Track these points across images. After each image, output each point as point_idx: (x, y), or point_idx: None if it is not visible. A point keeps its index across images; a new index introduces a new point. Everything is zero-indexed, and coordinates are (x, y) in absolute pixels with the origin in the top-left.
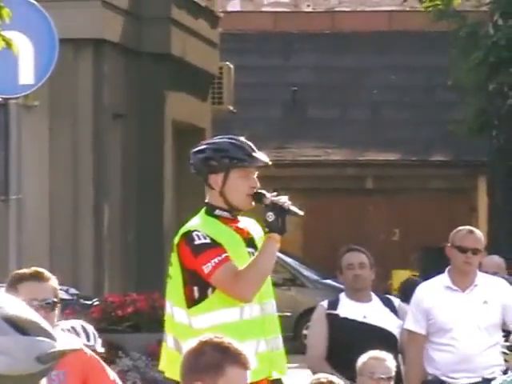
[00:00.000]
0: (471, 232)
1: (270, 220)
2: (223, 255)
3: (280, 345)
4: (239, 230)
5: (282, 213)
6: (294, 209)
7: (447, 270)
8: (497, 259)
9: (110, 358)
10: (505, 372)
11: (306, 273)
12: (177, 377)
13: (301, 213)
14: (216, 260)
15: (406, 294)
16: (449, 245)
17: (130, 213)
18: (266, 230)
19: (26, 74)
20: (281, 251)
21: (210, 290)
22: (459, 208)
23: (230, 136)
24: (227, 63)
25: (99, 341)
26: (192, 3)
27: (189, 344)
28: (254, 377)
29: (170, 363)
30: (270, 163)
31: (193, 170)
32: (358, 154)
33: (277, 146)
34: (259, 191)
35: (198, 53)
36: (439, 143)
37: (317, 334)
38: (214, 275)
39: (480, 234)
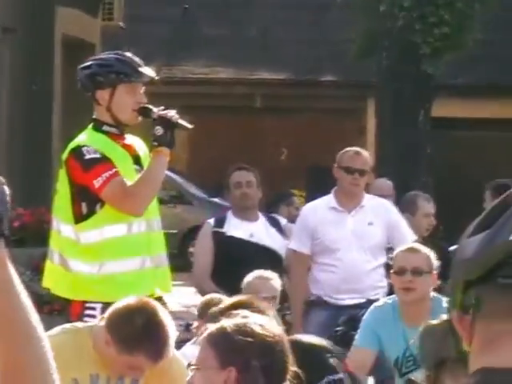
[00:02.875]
0: (358, 153)
1: (158, 134)
2: (113, 170)
3: (165, 262)
4: (126, 147)
5: (170, 126)
6: (182, 122)
7: (333, 190)
8: (386, 182)
9: None
10: (389, 294)
11: (193, 190)
12: (62, 293)
13: (189, 126)
14: (106, 174)
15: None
16: (336, 166)
17: (17, 128)
18: (155, 144)
19: None
20: (167, 168)
21: (98, 206)
22: (348, 129)
23: (116, 52)
24: None
25: None
26: None
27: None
28: (138, 293)
29: (56, 279)
30: (157, 78)
31: (80, 86)
32: (247, 72)
33: (166, 63)
34: (146, 106)
35: None
36: (329, 63)
37: (203, 251)
38: (105, 190)
39: (367, 155)
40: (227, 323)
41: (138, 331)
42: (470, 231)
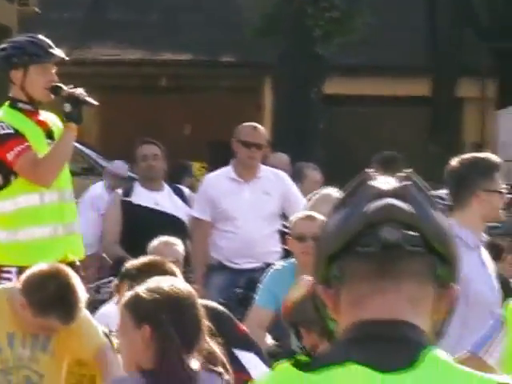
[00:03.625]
0: (255, 128)
1: (66, 110)
2: (25, 144)
3: (77, 229)
4: (40, 123)
5: (78, 103)
6: (88, 99)
7: (232, 162)
8: (282, 157)
9: None
10: (283, 258)
11: (103, 163)
12: None
13: (95, 103)
14: (19, 148)
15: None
16: (234, 140)
17: None
18: (64, 119)
19: None
20: (80, 142)
21: (12, 177)
22: (246, 106)
23: (29, 35)
24: None
25: None
26: None
27: None
28: (51, 258)
29: None
30: (68, 59)
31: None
32: (153, 54)
33: (77, 46)
34: (56, 84)
35: None
36: (229, 45)
37: (111, 219)
38: (17, 162)
39: (263, 130)
40: (139, 288)
41: (50, 296)
42: (333, 209)
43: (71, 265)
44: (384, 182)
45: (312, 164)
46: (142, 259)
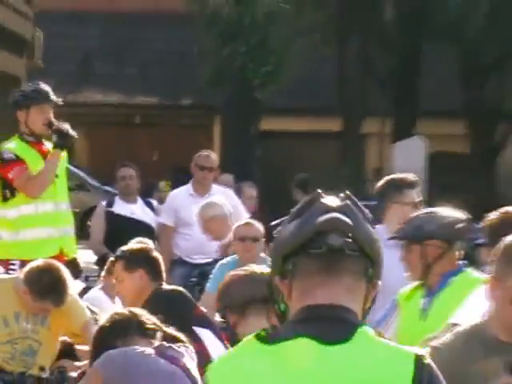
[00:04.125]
0: (208, 155)
1: (54, 140)
2: (23, 166)
3: (70, 232)
4: (41, 150)
5: (63, 135)
6: (71, 132)
7: (191, 182)
8: (229, 177)
9: None
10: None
11: (91, 181)
12: None
13: (76, 136)
14: (17, 169)
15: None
16: (192, 164)
17: None
18: (52, 147)
19: None
20: (73, 165)
21: (16, 192)
22: (201, 138)
23: (34, 83)
24: (37, 32)
25: None
26: None
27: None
28: (46, 254)
29: None
30: (61, 102)
31: (11, 109)
32: (129, 98)
33: (71, 91)
34: (50, 121)
35: (16, 23)
36: (187, 91)
37: (97, 224)
38: (15, 179)
39: (214, 156)
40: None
41: (45, 286)
42: (288, 219)
43: (72, 261)
44: (330, 200)
45: (250, 183)
46: (134, 245)
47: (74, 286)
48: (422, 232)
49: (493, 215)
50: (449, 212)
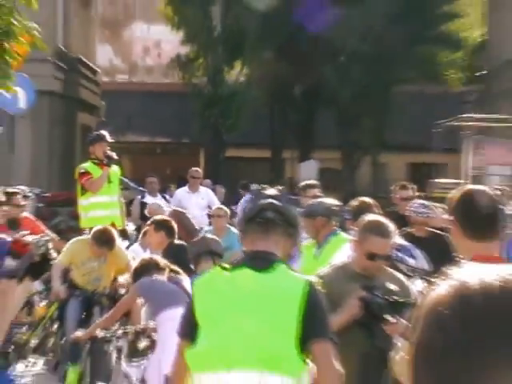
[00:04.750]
0: (197, 170)
1: (105, 162)
2: (90, 176)
3: (118, 213)
4: (105, 170)
5: (110, 159)
6: (115, 157)
7: (187, 185)
8: (208, 182)
9: None
10: None
11: (132, 184)
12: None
13: (117, 159)
14: (86, 178)
15: None
16: (188, 176)
17: (56, 155)
18: (105, 165)
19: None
20: (123, 176)
21: (86, 190)
22: (193, 161)
23: (99, 130)
24: (102, 102)
25: None
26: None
27: None
28: (105, 223)
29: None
30: (114, 141)
31: (87, 145)
32: (154, 138)
33: (121, 134)
34: (106, 151)
35: (91, 97)
36: (186, 133)
37: (135, 208)
38: (85, 183)
39: (200, 170)
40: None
41: (102, 241)
42: (248, 202)
43: (123, 230)
44: (270, 191)
45: (220, 185)
46: (158, 217)
47: (121, 241)
48: (314, 212)
49: (354, 202)
50: (329, 201)
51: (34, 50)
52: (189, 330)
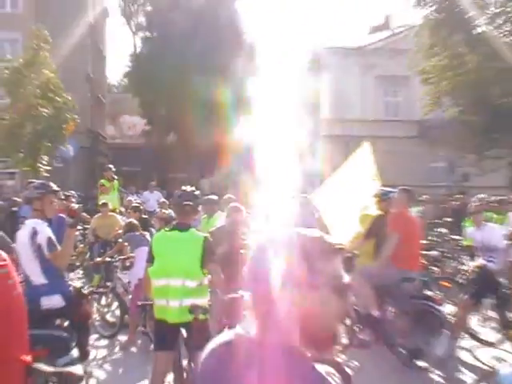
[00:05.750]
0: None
1: (109, 178)
2: (105, 187)
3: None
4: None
5: (111, 179)
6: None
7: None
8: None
9: None
10: None
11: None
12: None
13: (112, 168)
14: (102, 188)
15: None
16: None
17: (80, 169)
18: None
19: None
20: (121, 186)
21: (103, 193)
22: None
23: (107, 170)
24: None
25: None
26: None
27: None
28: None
29: None
30: (115, 169)
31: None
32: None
33: (123, 165)
34: (112, 175)
35: (103, 149)
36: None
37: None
38: (103, 190)
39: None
40: None
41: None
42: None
43: (114, 209)
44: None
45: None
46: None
47: (118, 216)
48: (206, 201)
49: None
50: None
51: (76, 127)
52: (150, 258)
